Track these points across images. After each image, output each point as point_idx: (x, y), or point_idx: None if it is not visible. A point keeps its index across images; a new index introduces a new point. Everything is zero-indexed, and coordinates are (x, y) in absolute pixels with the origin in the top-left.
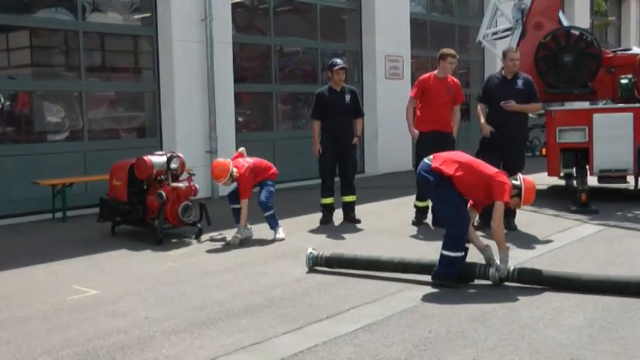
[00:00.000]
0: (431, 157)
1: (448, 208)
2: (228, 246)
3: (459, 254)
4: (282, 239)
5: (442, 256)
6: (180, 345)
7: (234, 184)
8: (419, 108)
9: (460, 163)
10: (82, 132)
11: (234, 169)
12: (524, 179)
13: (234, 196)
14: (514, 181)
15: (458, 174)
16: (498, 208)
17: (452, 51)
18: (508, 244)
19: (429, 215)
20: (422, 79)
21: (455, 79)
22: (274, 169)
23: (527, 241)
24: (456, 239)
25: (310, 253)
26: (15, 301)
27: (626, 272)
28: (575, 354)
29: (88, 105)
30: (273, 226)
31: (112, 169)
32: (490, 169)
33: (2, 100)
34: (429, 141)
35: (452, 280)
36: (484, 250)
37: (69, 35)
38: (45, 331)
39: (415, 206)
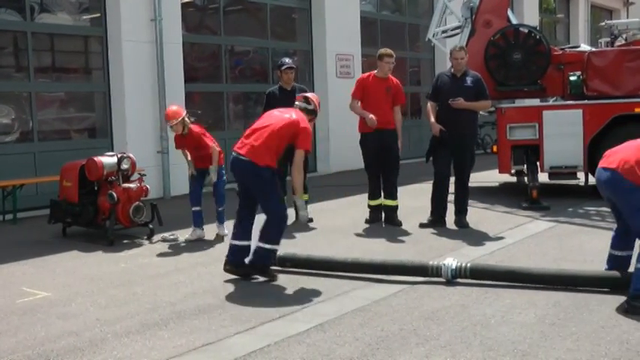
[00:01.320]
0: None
1: (274, 201)
2: (179, 247)
3: (276, 247)
4: (226, 234)
5: (263, 249)
6: (132, 346)
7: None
8: (362, 106)
9: (266, 140)
10: (31, 133)
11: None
12: (313, 99)
13: (195, 198)
14: (307, 106)
15: (271, 156)
16: (299, 156)
17: (388, 51)
18: (460, 241)
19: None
20: (361, 79)
21: (395, 80)
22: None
23: (479, 239)
24: (279, 232)
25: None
26: None
27: (578, 268)
28: (527, 351)
29: (38, 106)
30: (223, 221)
31: (63, 170)
32: (280, 119)
33: None
34: (372, 141)
35: (270, 271)
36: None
37: (17, 36)
38: None
39: (369, 205)
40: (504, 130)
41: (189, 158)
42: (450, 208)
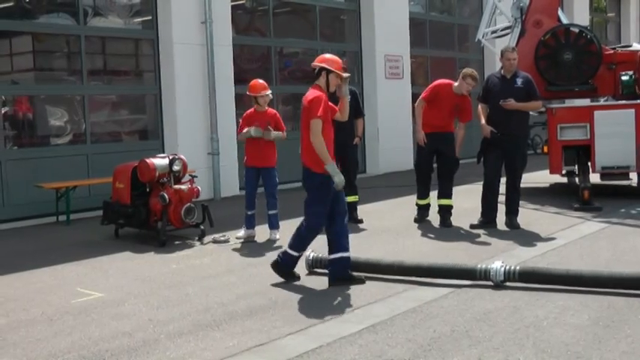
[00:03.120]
0: None
1: (322, 210)
2: (230, 248)
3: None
4: (278, 239)
5: (286, 254)
6: (185, 347)
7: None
8: (425, 109)
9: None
10: (84, 135)
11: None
12: (321, 59)
13: (250, 202)
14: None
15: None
16: (314, 125)
17: (475, 73)
18: (511, 242)
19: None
20: (437, 85)
21: (469, 101)
22: None
23: (530, 240)
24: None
25: (309, 255)
26: (20, 304)
27: (630, 270)
28: (581, 353)
29: (91, 108)
30: (275, 226)
31: (115, 172)
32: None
33: (5, 105)
34: (429, 141)
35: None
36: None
37: (71, 39)
38: (51, 334)
39: (417, 204)
40: (555, 130)
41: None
42: (501, 209)
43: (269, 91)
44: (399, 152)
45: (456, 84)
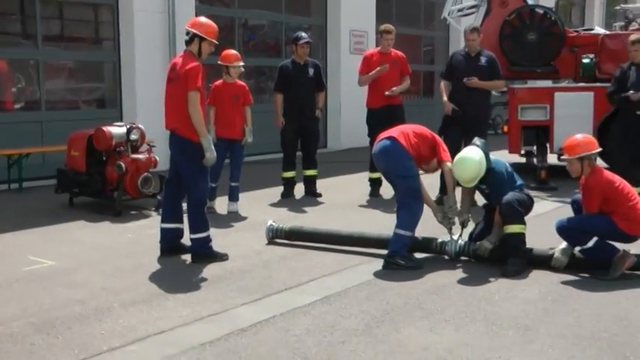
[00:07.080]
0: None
1: (206, 181)
2: (186, 219)
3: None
4: (237, 211)
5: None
6: (138, 316)
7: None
8: (370, 85)
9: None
10: (39, 102)
11: None
12: (194, 23)
13: (214, 175)
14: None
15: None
16: (193, 97)
17: (388, 27)
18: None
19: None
20: (366, 55)
21: (399, 53)
22: None
23: None
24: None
25: (270, 225)
26: None
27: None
28: (529, 325)
29: (46, 74)
30: (236, 198)
31: (70, 139)
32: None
33: None
34: (379, 116)
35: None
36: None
37: (25, 2)
38: (1, 301)
39: (370, 179)
40: (515, 110)
41: (212, 121)
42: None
43: (242, 62)
44: (362, 128)
45: (379, 47)
